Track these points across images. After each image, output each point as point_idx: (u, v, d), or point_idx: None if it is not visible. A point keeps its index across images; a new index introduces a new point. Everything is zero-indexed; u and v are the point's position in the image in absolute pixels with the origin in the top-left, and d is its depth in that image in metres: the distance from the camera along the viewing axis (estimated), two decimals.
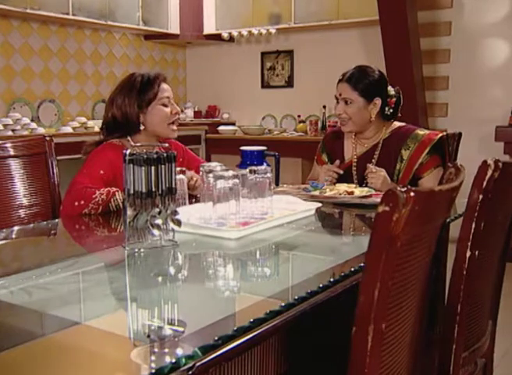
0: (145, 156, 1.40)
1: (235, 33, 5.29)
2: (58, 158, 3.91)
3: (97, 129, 4.15)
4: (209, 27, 5.42)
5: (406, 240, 0.94)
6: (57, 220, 1.89)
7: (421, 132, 2.30)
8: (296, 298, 1.10)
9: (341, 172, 2.29)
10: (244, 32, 5.24)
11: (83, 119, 4.51)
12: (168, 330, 1.01)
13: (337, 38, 5.01)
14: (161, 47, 5.61)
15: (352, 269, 1.28)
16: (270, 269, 1.41)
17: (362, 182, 2.27)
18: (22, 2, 4.09)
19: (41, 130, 4.21)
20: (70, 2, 4.37)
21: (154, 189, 1.42)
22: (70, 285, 1.27)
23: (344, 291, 1.24)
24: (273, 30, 5.10)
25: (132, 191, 1.42)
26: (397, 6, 4.02)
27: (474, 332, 1.46)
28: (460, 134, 2.51)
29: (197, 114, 5.61)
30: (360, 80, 2.26)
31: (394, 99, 2.32)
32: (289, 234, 1.70)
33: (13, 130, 4.00)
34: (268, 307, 1.05)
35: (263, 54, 5.48)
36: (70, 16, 4.42)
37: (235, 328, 0.95)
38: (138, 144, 1.54)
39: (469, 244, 1.30)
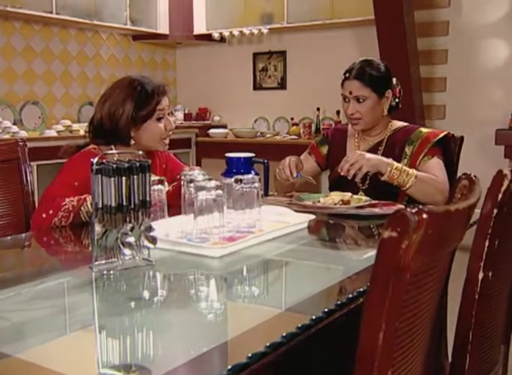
0: (115, 166, 1.23)
1: (226, 33, 5.20)
2: (41, 163, 3.83)
3: (82, 132, 3.98)
4: (199, 27, 5.32)
5: (416, 270, 0.78)
6: (23, 235, 1.72)
7: (424, 129, 2.20)
8: (299, 325, 0.96)
9: (293, 176, 2.09)
10: (236, 32, 5.16)
11: (68, 122, 4.36)
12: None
13: (331, 38, 4.92)
14: (150, 47, 5.48)
15: (355, 293, 1.13)
16: (259, 291, 1.27)
17: (364, 182, 2.15)
18: (2, 0, 3.93)
19: (23, 134, 4.05)
20: (54, 1, 4.22)
21: (125, 203, 1.25)
22: (24, 313, 1.10)
23: (345, 313, 1.10)
24: (265, 30, 5.02)
25: (100, 205, 1.25)
26: (393, 5, 3.94)
27: (486, 360, 1.31)
28: (462, 138, 2.39)
29: (187, 116, 5.50)
30: (371, 75, 2.13)
31: (398, 88, 2.22)
32: (278, 250, 1.55)
33: None
34: (262, 337, 0.89)
35: (255, 55, 5.39)
36: (54, 15, 4.27)
37: (229, 367, 0.80)
38: (109, 152, 1.37)
39: (482, 264, 1.15)
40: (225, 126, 5.47)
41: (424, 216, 0.74)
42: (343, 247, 1.66)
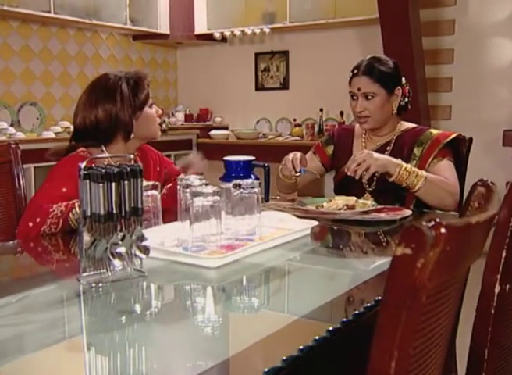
0: (103, 171, 1.15)
1: (227, 32, 5.13)
2: (39, 165, 3.74)
3: None
4: (200, 27, 5.25)
5: (433, 291, 0.70)
6: (11, 242, 1.64)
7: (434, 131, 2.13)
8: (316, 338, 0.90)
9: (297, 174, 2.02)
10: (237, 32, 5.08)
11: (67, 124, 4.28)
12: None
13: (334, 38, 4.84)
14: (150, 47, 5.40)
15: (364, 307, 1.05)
16: (260, 303, 1.19)
17: (371, 184, 2.07)
18: None
19: (21, 135, 3.97)
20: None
21: (115, 210, 1.17)
22: (5, 330, 1.02)
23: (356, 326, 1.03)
24: (267, 30, 4.94)
25: (89, 213, 1.17)
26: (398, 4, 3.88)
27: None
28: (470, 140, 2.31)
29: (188, 117, 5.42)
30: (380, 71, 2.07)
31: (407, 88, 2.16)
32: (280, 259, 1.47)
33: None
34: (265, 352, 0.84)
35: (257, 55, 5.32)
36: (52, 14, 4.19)
37: None
38: (99, 156, 1.29)
39: (498, 276, 1.07)
40: (226, 128, 5.41)
41: (442, 230, 0.65)
42: (349, 254, 1.58)
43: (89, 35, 4.81)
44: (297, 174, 2.01)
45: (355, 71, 2.10)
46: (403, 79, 2.16)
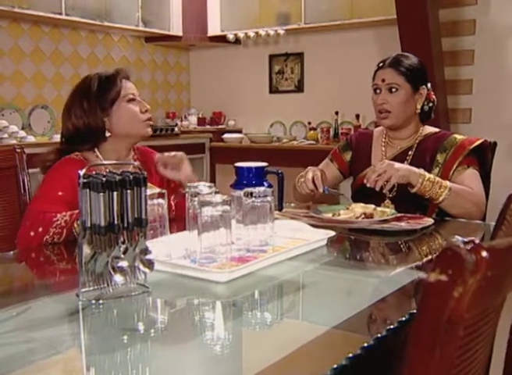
0: (104, 179, 1.06)
1: (241, 34, 5.04)
2: None
3: None
4: (214, 28, 5.17)
5: (470, 321, 0.60)
6: (11, 252, 1.56)
7: (459, 136, 2.04)
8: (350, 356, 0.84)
9: (319, 190, 1.90)
10: (251, 33, 5.00)
11: None
12: None
13: (351, 39, 4.75)
14: (162, 50, 5.34)
15: (387, 330, 0.96)
16: (274, 319, 1.11)
17: (391, 190, 1.97)
18: (8, 0, 3.80)
19: (31, 139, 3.92)
20: (63, 1, 4.08)
21: (116, 221, 1.09)
22: None
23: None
24: (282, 31, 4.85)
25: (89, 224, 1.09)
26: (417, 4, 3.78)
27: None
28: (495, 144, 2.21)
29: (201, 121, 5.35)
30: (406, 64, 2.01)
31: (433, 94, 2.09)
32: (296, 272, 1.38)
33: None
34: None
35: (271, 57, 5.23)
36: (63, 16, 4.13)
37: None
38: (98, 163, 1.21)
39: None
40: (240, 131, 5.33)
41: (484, 254, 0.56)
42: (368, 267, 1.48)
43: (101, 37, 4.76)
44: (319, 194, 1.92)
45: (380, 64, 2.04)
46: (429, 85, 2.08)
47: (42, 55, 4.34)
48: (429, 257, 1.49)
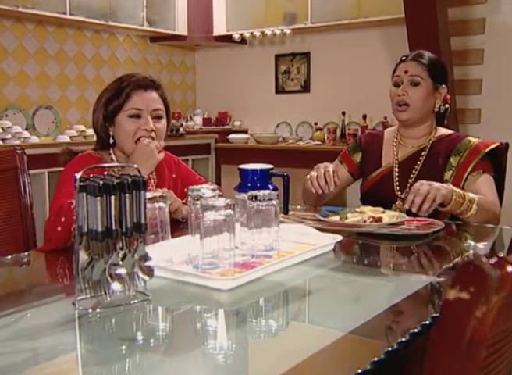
0: (101, 182, 1.02)
1: (247, 34, 5.01)
2: (53, 169, 3.65)
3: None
4: (219, 28, 5.14)
5: (493, 340, 0.55)
6: (9, 256, 1.52)
7: (473, 139, 1.99)
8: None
9: (330, 189, 1.83)
10: (257, 33, 4.96)
11: (82, 128, 4.18)
12: None
13: (358, 39, 4.70)
14: (168, 49, 5.30)
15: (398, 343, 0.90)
16: (280, 331, 1.06)
17: (403, 190, 1.93)
18: (13, 0, 3.77)
19: (35, 139, 3.89)
20: (67, 1, 4.05)
21: (114, 226, 1.04)
22: None
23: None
24: (288, 31, 4.81)
25: (85, 229, 1.04)
26: (425, 2, 3.73)
27: None
28: (507, 145, 2.16)
29: (206, 121, 5.32)
30: (430, 59, 2.00)
31: (449, 97, 2.07)
32: (301, 279, 1.34)
33: (3, 140, 3.67)
34: None
35: (277, 56, 5.19)
36: (68, 16, 4.10)
37: None
38: (105, 165, 1.17)
39: None
40: (245, 132, 5.29)
41: (510, 269, 0.51)
42: (377, 273, 1.43)
43: (105, 37, 4.72)
44: (330, 191, 1.85)
45: (403, 58, 2.01)
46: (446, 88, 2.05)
47: (46, 55, 4.31)
48: (442, 263, 1.45)
